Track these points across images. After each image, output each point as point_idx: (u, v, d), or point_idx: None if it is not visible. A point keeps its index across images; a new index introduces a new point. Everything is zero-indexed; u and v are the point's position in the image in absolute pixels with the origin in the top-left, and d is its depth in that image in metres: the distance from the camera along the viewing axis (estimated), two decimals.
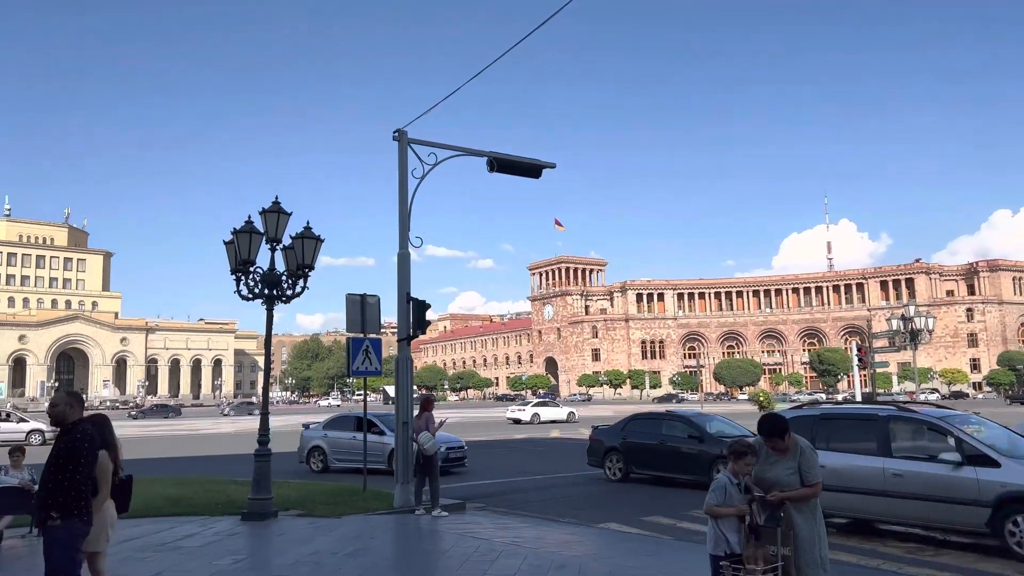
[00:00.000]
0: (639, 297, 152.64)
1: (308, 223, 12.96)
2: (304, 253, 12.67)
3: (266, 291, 12.60)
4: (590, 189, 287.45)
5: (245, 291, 12.63)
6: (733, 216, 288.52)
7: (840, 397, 73.64)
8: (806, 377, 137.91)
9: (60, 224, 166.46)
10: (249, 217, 12.46)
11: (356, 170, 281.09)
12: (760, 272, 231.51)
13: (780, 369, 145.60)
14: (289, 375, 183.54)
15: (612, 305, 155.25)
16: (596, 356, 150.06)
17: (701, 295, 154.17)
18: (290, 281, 12.84)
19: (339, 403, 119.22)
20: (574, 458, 24.80)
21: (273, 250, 12.79)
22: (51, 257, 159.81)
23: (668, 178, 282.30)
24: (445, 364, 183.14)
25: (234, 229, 12.23)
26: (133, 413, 79.58)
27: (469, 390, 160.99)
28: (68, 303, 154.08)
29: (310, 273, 12.82)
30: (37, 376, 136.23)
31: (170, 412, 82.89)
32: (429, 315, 14.36)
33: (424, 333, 13.84)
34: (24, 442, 26.74)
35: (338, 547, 9.59)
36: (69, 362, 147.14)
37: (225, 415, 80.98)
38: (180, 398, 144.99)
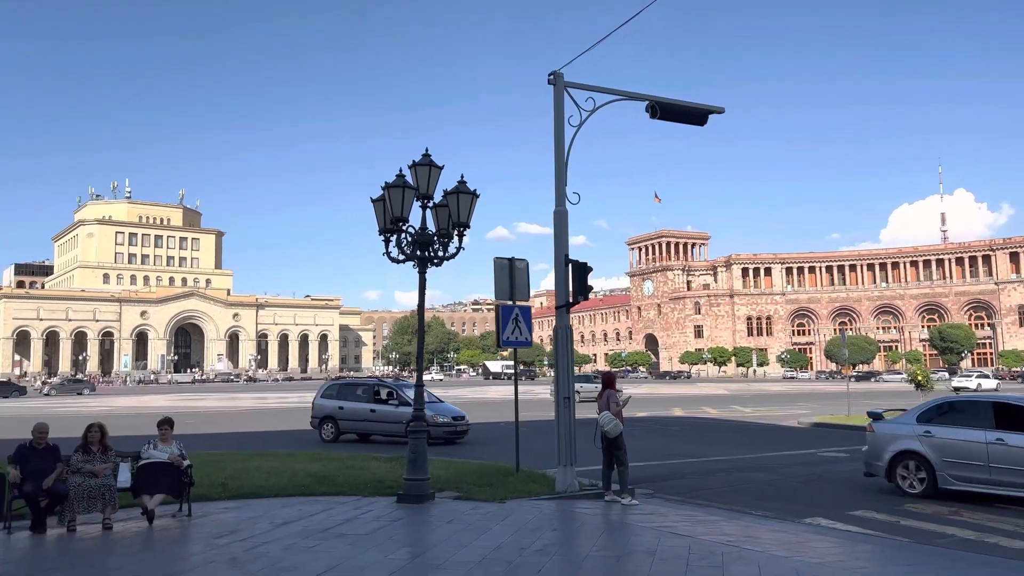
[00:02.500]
0: (744, 272, 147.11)
1: (463, 177, 11.69)
2: (460, 210, 11.41)
3: (418, 252, 11.42)
4: (687, 161, 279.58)
5: (395, 252, 11.51)
6: (838, 188, 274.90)
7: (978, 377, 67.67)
8: (925, 355, 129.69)
9: (175, 205, 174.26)
10: (400, 171, 11.27)
11: (475, 142, 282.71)
12: (868, 245, 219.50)
13: (896, 346, 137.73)
14: (391, 350, 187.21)
15: (715, 280, 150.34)
16: (699, 333, 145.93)
17: (811, 269, 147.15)
18: (443, 241, 11.62)
19: (441, 377, 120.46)
20: (716, 439, 23.10)
21: (424, 208, 11.59)
22: (168, 237, 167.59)
23: (768, 149, 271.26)
24: (542, 340, 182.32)
25: (385, 183, 11.06)
26: (45, 390, 75.19)
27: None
28: (184, 280, 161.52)
29: (465, 232, 11.55)
30: (158, 350, 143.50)
31: (84, 388, 77.97)
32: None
33: (586, 298, 12.42)
34: None
35: (522, 540, 8.31)
36: (186, 336, 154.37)
37: (46, 395, 70.99)
38: (289, 371, 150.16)
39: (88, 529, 9.11)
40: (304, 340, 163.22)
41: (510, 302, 13.45)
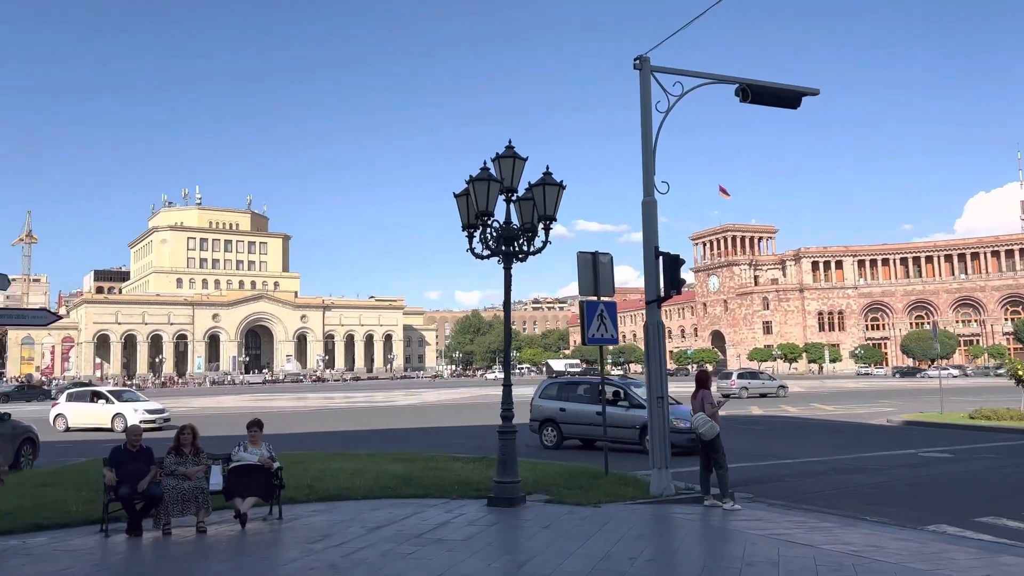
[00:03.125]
0: (814, 265, 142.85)
1: (548, 168, 11.27)
2: (546, 202, 10.98)
3: (503, 247, 11.04)
4: (748, 153, 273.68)
5: (479, 248, 11.15)
6: (908, 177, 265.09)
7: None
8: (1009, 349, 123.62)
9: (243, 210, 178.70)
10: (485, 163, 10.92)
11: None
12: (942, 236, 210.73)
13: (978, 340, 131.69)
14: (454, 349, 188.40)
15: (784, 275, 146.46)
16: (767, 329, 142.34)
17: (884, 261, 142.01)
18: (527, 236, 11.21)
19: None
20: (804, 439, 22.13)
21: (509, 201, 11.22)
22: (237, 241, 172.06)
23: (833, 137, 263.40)
24: None
25: (470, 177, 10.71)
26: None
27: (631, 364, 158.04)
28: (253, 284, 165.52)
29: (552, 226, 11.12)
30: (229, 352, 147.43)
31: (39, 395, 67.92)
32: (573, 291, 12.46)
33: (679, 292, 11.85)
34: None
35: (629, 549, 7.85)
36: (256, 338, 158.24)
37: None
38: (355, 371, 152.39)
39: (183, 532, 9.01)
40: (369, 340, 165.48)
41: (594, 297, 12.99)
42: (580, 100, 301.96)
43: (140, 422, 25.28)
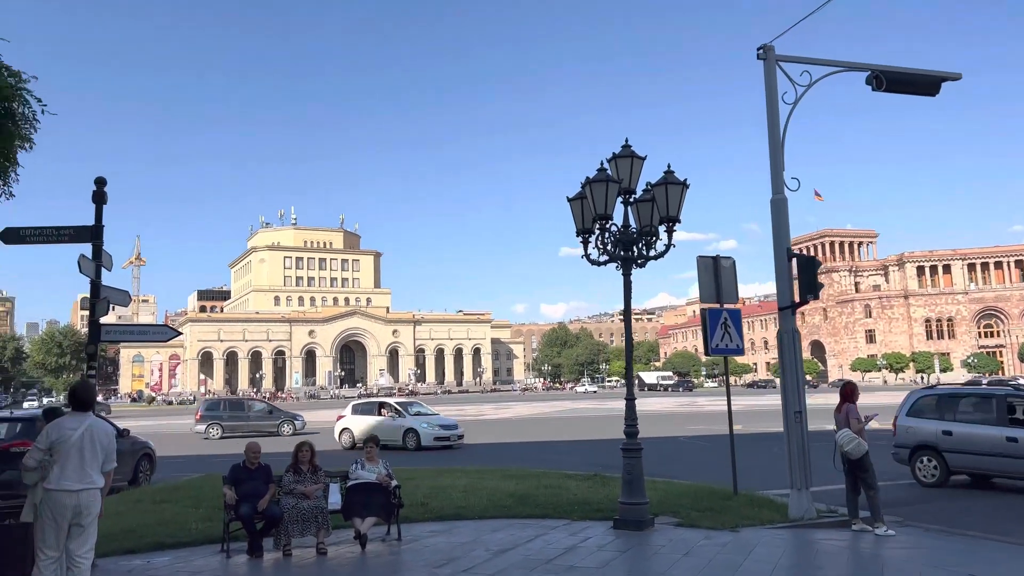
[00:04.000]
0: (919, 270, 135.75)
1: (669, 166, 10.58)
2: (668, 203, 10.29)
3: (621, 252, 10.40)
4: (842, 152, 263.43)
5: (595, 254, 10.55)
6: (1018, 176, 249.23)
7: None
8: None
9: (336, 229, 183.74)
10: (602, 163, 10.33)
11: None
12: None
13: None
14: (541, 362, 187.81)
15: (887, 281, 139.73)
16: (870, 338, 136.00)
17: (997, 265, 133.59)
18: (645, 240, 10.53)
19: (595, 389, 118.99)
20: None
21: (626, 204, 10.59)
22: (330, 259, 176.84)
23: (931, 135, 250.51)
24: (697, 350, 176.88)
25: (587, 179, 10.14)
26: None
27: (721, 377, 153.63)
28: (346, 300, 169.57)
29: (675, 228, 10.41)
30: (325, 367, 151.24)
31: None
32: (669, 300, 11.56)
33: (816, 296, 10.92)
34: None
35: None
36: (350, 353, 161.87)
37: None
38: (445, 384, 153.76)
39: (303, 554, 8.73)
40: (459, 354, 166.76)
41: (717, 305, 12.19)
42: (664, 97, 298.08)
43: (434, 439, 24.64)
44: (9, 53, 5.58)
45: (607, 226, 10.26)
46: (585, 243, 10.66)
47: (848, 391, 10.20)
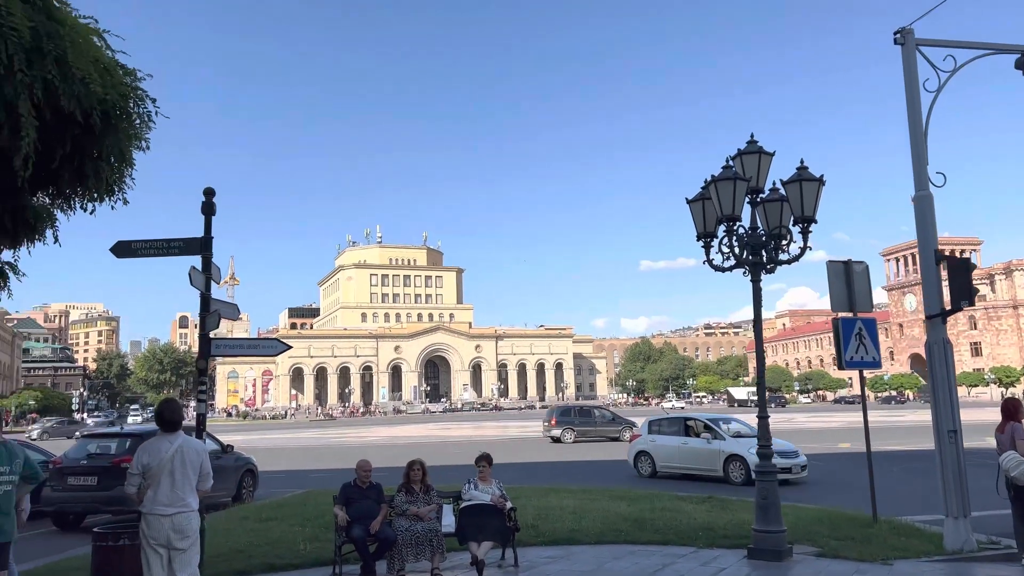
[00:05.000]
0: None
1: (802, 161, 9.72)
2: (803, 201, 9.43)
3: (750, 256, 9.58)
4: (952, 156, 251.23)
5: (719, 259, 9.76)
6: None
7: None
8: None
9: (420, 246, 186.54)
10: (727, 161, 9.56)
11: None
12: None
13: None
14: (624, 377, 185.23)
15: (993, 290, 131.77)
16: (976, 351, 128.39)
17: None
18: (775, 242, 9.68)
19: (682, 405, 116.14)
20: None
21: (753, 204, 9.78)
22: (414, 276, 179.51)
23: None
24: (788, 364, 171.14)
25: (712, 177, 9.39)
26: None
27: (817, 391, 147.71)
28: (430, 316, 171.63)
29: (811, 228, 9.53)
30: (410, 382, 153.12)
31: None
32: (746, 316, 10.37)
33: (971, 303, 9.81)
34: None
35: None
36: (434, 368, 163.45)
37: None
38: (528, 399, 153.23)
39: None
40: (541, 369, 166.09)
41: (850, 313, 11.19)
42: (744, 95, 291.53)
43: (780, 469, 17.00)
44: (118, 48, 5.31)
45: (734, 228, 9.47)
46: (707, 248, 9.91)
47: (1013, 408, 9.05)
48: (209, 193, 8.86)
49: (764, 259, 9.66)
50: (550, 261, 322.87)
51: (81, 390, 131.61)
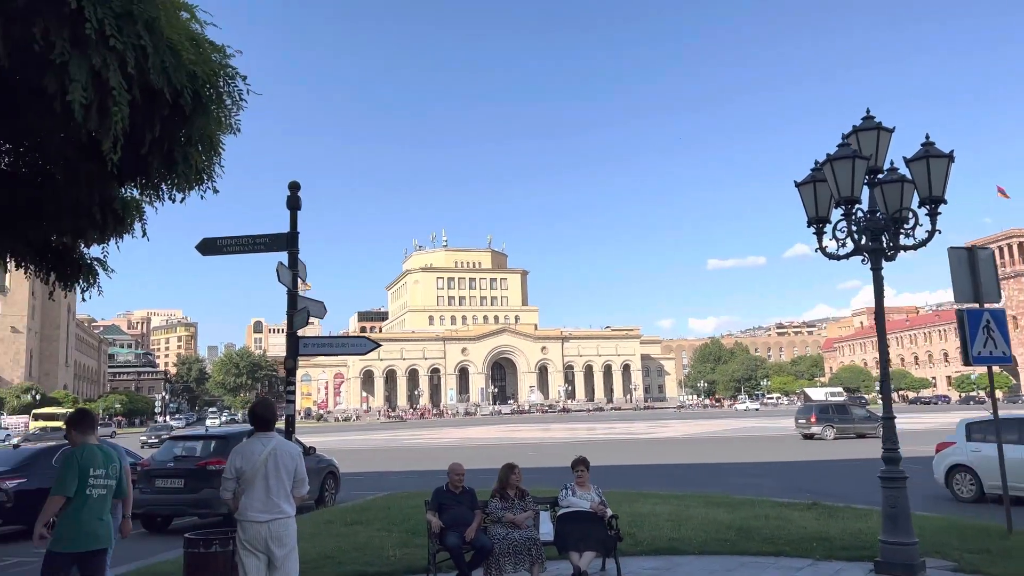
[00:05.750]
0: None
1: (928, 136, 8.86)
2: (931, 180, 8.57)
3: (869, 242, 8.76)
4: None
5: (833, 246, 8.97)
6: None
7: None
8: None
9: (484, 249, 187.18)
10: (844, 137, 8.78)
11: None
12: None
13: None
14: (694, 378, 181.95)
15: None
16: None
17: None
18: (896, 226, 8.82)
19: (757, 407, 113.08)
20: None
21: (871, 185, 8.96)
22: (479, 279, 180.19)
23: None
24: (866, 364, 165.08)
25: (828, 156, 8.60)
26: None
27: (899, 392, 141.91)
28: (496, 318, 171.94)
29: (939, 210, 8.66)
30: (477, 383, 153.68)
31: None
32: (829, 312, 9.34)
33: None
34: None
35: None
36: (501, 370, 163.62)
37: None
38: (596, 401, 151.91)
39: None
40: (607, 370, 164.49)
41: (975, 305, 10.22)
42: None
43: None
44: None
45: (852, 212, 8.67)
46: (819, 234, 9.12)
47: None
48: (294, 187, 8.58)
49: (884, 245, 8.83)
50: (615, 262, 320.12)
51: (163, 394, 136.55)
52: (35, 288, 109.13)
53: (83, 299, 6.63)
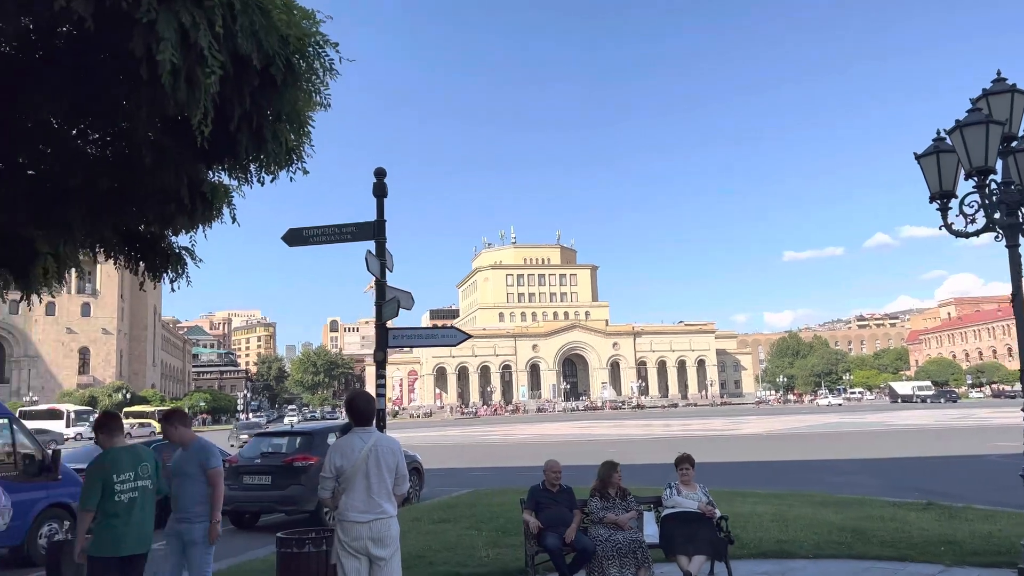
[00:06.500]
0: None
1: None
2: None
3: (1004, 217, 7.91)
4: None
5: (961, 222, 8.15)
6: None
7: None
8: None
9: (553, 245, 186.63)
10: (973, 102, 7.97)
11: None
12: None
13: None
14: (772, 374, 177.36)
15: None
16: None
17: None
18: None
19: (840, 402, 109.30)
20: None
21: (1005, 153, 8.09)
22: (548, 275, 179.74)
23: None
24: (955, 356, 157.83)
25: (956, 123, 7.82)
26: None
27: (992, 384, 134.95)
28: (566, 314, 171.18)
29: None
30: (549, 380, 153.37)
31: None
32: (912, 303, 8.30)
33: None
34: None
35: None
36: (572, 367, 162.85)
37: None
38: (670, 397, 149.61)
39: None
40: (682, 366, 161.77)
41: None
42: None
43: None
44: None
45: (987, 183, 7.85)
46: (944, 210, 8.31)
47: None
48: (380, 174, 8.28)
49: (1022, 219, 7.97)
50: (686, 255, 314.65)
51: (245, 392, 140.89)
52: (123, 291, 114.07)
53: (172, 289, 6.46)
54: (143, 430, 57.67)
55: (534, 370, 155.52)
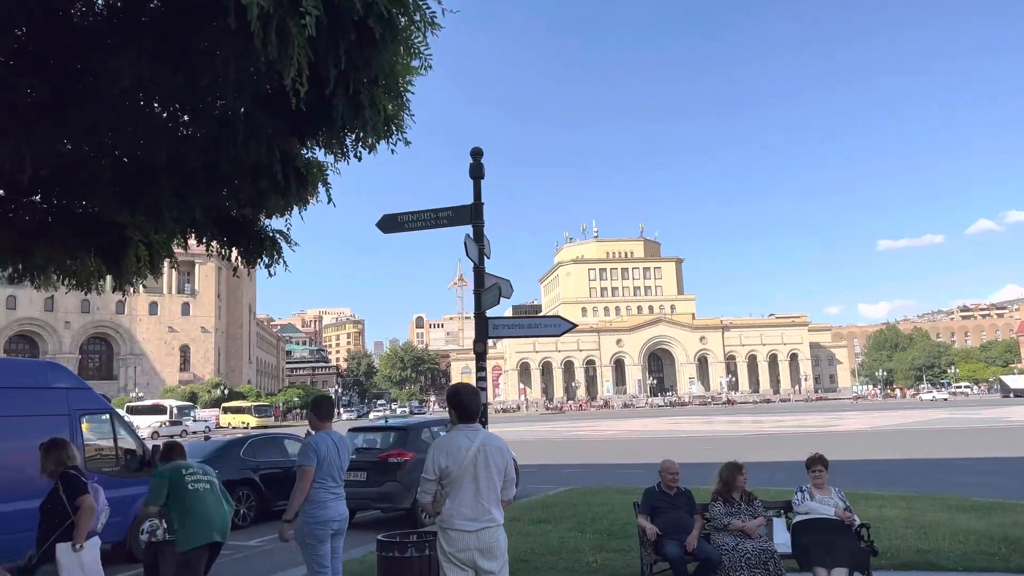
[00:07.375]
0: None
1: None
2: None
3: None
4: None
5: None
6: None
7: None
8: None
9: (636, 238, 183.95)
10: None
11: None
12: None
13: None
14: (869, 367, 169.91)
15: None
16: None
17: None
18: None
19: (945, 397, 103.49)
20: None
21: None
22: (632, 268, 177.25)
23: None
24: None
25: None
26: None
27: None
28: (650, 308, 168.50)
29: None
30: (634, 375, 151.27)
31: None
32: (1019, 292, 6.76)
33: None
34: None
35: None
36: (658, 361, 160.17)
37: None
38: (761, 392, 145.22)
39: None
40: (773, 360, 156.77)
41: None
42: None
43: None
44: None
45: None
46: None
47: None
48: (477, 154, 7.78)
49: None
50: (775, 246, 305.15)
51: (336, 387, 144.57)
52: (220, 290, 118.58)
53: (270, 274, 6.14)
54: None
55: (618, 365, 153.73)
